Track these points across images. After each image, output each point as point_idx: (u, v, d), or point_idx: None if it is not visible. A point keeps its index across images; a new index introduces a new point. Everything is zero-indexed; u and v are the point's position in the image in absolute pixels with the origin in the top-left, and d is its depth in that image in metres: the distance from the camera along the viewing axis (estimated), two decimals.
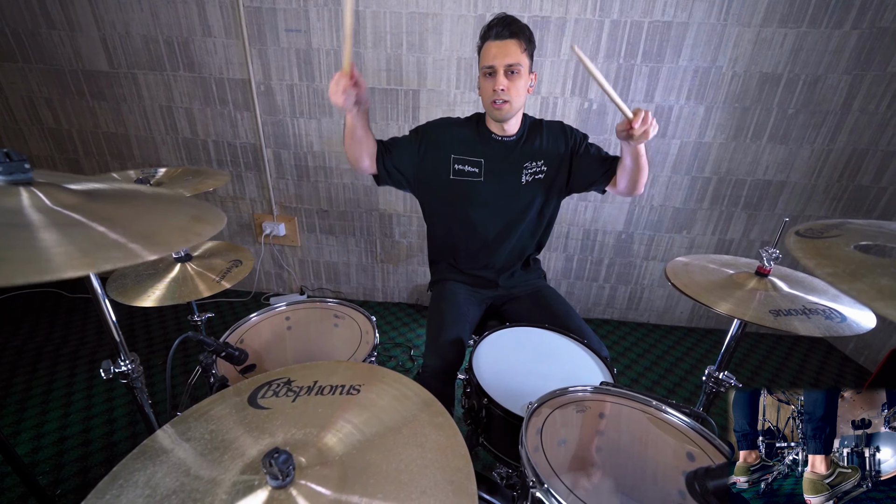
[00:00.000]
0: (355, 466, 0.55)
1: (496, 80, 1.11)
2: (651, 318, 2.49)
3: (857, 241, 0.49)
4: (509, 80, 1.12)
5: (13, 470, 0.90)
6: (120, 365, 0.72)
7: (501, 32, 1.09)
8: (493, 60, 1.10)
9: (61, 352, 2.02)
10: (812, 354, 2.24)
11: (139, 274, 0.98)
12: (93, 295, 0.66)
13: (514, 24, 1.10)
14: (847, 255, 0.46)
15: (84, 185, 0.63)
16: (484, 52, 1.13)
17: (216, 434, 0.61)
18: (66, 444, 1.52)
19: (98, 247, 0.49)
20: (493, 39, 1.10)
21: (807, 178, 2.06)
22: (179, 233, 0.59)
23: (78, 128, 2.32)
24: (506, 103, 1.14)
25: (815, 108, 1.92)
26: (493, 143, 1.27)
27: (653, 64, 1.89)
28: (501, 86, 1.11)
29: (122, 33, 2.05)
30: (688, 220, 2.21)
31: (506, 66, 1.10)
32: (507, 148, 1.27)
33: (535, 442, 0.68)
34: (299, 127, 2.17)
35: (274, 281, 2.63)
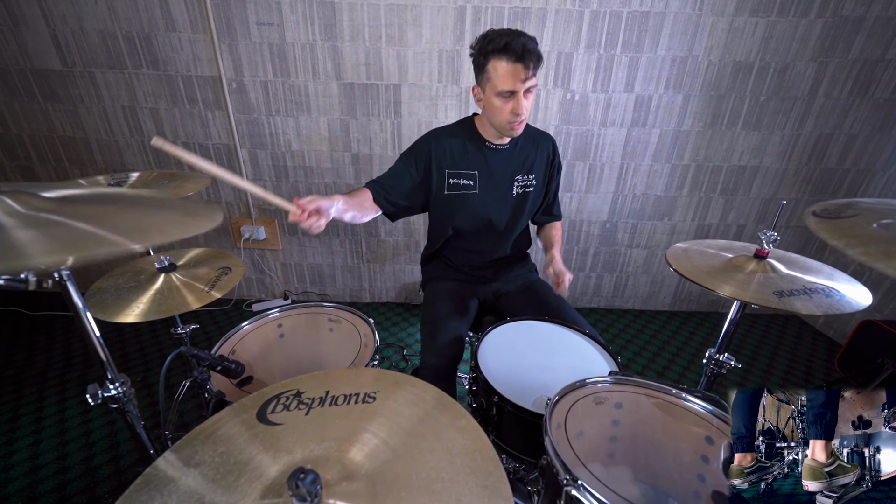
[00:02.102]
0: (384, 479, 0.52)
1: (518, 104, 1.07)
2: (636, 305, 2.55)
3: (877, 220, 0.50)
4: (527, 100, 1.09)
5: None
6: (109, 388, 0.65)
7: (517, 53, 1.01)
8: (513, 85, 1.04)
9: (26, 375, 1.87)
10: (787, 331, 2.35)
11: (119, 288, 0.90)
12: (73, 311, 0.59)
13: (529, 43, 1.02)
14: (873, 234, 0.47)
15: (58, 192, 0.57)
16: (495, 70, 1.04)
17: (228, 456, 0.57)
18: (39, 473, 1.41)
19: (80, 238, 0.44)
20: (508, 61, 1.02)
21: (778, 163, 2.15)
22: (174, 225, 0.54)
23: (30, 132, 2.14)
24: (522, 122, 1.13)
25: (785, 95, 2.00)
26: (486, 152, 1.24)
27: (632, 54, 1.91)
28: (525, 109, 1.08)
29: (74, 29, 1.90)
30: (669, 207, 2.27)
31: (525, 90, 1.06)
32: (501, 156, 1.25)
33: (559, 437, 0.67)
34: (276, 125, 2.08)
35: (255, 287, 2.53)
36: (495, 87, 1.06)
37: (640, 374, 0.81)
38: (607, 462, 0.82)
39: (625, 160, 2.15)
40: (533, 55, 1.03)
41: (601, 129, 2.07)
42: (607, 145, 2.11)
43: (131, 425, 0.70)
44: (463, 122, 1.28)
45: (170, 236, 0.55)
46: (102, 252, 0.44)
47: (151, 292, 0.91)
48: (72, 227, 0.48)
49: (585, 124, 2.06)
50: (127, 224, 0.53)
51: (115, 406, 0.67)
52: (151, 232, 0.51)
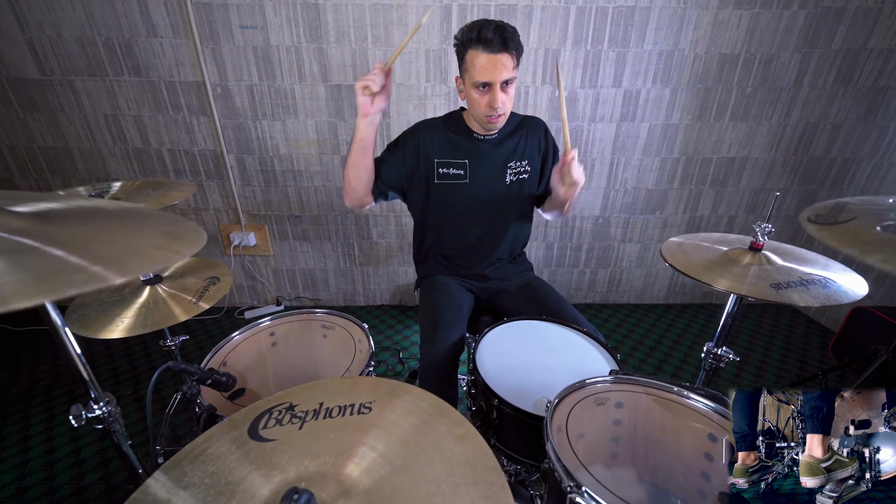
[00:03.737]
0: (382, 495, 0.51)
1: (494, 97, 1.05)
2: (631, 299, 2.56)
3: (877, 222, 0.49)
4: (504, 93, 1.07)
5: None
6: (93, 409, 0.63)
7: (494, 43, 0.99)
8: (489, 77, 1.02)
9: (11, 392, 1.82)
10: (780, 320, 2.37)
11: (102, 302, 0.87)
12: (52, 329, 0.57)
13: (507, 33, 1.00)
14: (882, 238, 0.46)
15: (33, 206, 0.54)
16: (472, 61, 1.03)
17: (218, 476, 0.54)
18: (27, 495, 1.37)
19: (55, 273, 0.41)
20: (484, 50, 1.00)
21: (766, 153, 2.16)
22: (153, 251, 0.51)
23: (8, 143, 2.08)
24: (500, 116, 1.11)
25: (771, 86, 2.01)
26: (475, 142, 1.23)
27: (619, 49, 1.91)
28: (501, 102, 1.06)
29: (52, 36, 1.85)
30: (660, 201, 2.28)
31: (502, 82, 1.04)
32: (490, 146, 1.24)
33: (561, 441, 0.66)
34: (263, 130, 2.05)
35: (247, 294, 2.50)
36: (472, 77, 1.05)
37: (638, 371, 0.80)
38: (610, 463, 0.81)
39: (615, 155, 2.15)
40: (511, 45, 1.01)
41: (591, 125, 2.07)
42: (597, 140, 2.11)
43: (117, 445, 0.68)
44: (450, 115, 1.27)
45: (152, 264, 0.52)
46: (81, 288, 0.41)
47: (137, 306, 0.88)
48: (47, 254, 0.45)
49: (575, 120, 2.06)
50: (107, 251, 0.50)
51: (101, 426, 0.64)
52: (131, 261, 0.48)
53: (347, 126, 2.04)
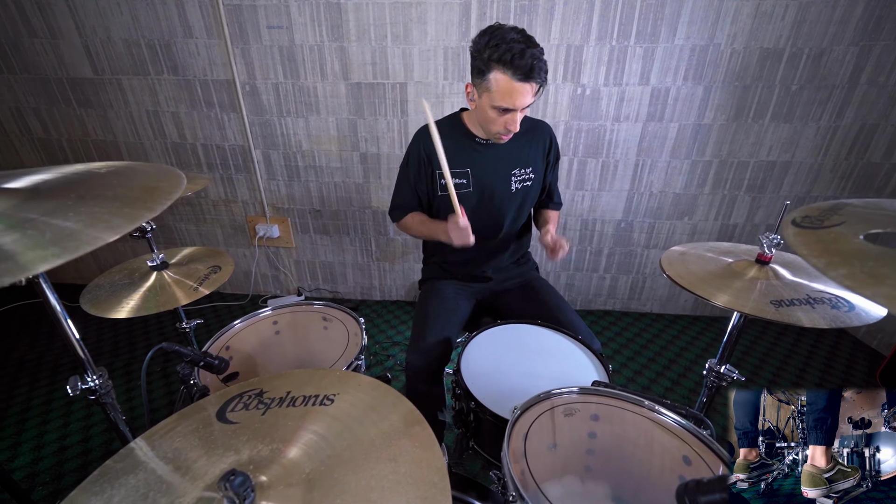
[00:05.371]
0: (322, 484, 0.52)
1: (513, 120, 1.05)
2: (654, 308, 2.43)
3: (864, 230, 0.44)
4: (522, 114, 1.06)
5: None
6: (87, 381, 0.69)
7: (525, 73, 0.96)
8: (513, 104, 1.00)
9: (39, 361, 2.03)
10: (822, 340, 2.17)
11: (114, 284, 0.95)
12: (49, 310, 0.63)
13: (542, 65, 0.98)
14: (859, 249, 0.41)
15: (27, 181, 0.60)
16: (497, 84, 0.99)
17: (180, 453, 0.58)
18: (40, 465, 1.51)
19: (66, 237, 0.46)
20: (513, 77, 0.97)
21: (813, 158, 1.98)
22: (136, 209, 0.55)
23: (67, 137, 2.30)
24: (511, 133, 1.10)
25: (821, 84, 1.83)
26: (478, 148, 1.20)
27: (647, 44, 1.81)
28: (517, 124, 1.06)
29: (103, 38, 2.02)
30: (689, 206, 2.14)
31: (523, 108, 1.04)
32: (494, 152, 1.21)
33: (518, 450, 0.64)
34: (287, 126, 2.13)
35: (271, 283, 2.62)
36: (493, 99, 1.02)
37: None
38: (584, 476, 0.78)
39: (640, 156, 2.05)
40: (541, 76, 0.98)
41: (614, 125, 1.99)
42: (621, 141, 2.02)
43: (109, 415, 0.74)
44: (450, 118, 1.24)
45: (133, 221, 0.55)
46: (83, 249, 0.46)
47: (143, 289, 0.95)
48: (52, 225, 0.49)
49: (597, 119, 1.98)
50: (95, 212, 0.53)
51: (93, 397, 0.70)
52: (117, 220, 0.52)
53: (366, 123, 2.08)
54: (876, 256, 0.40)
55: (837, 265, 0.40)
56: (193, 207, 2.42)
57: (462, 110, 1.24)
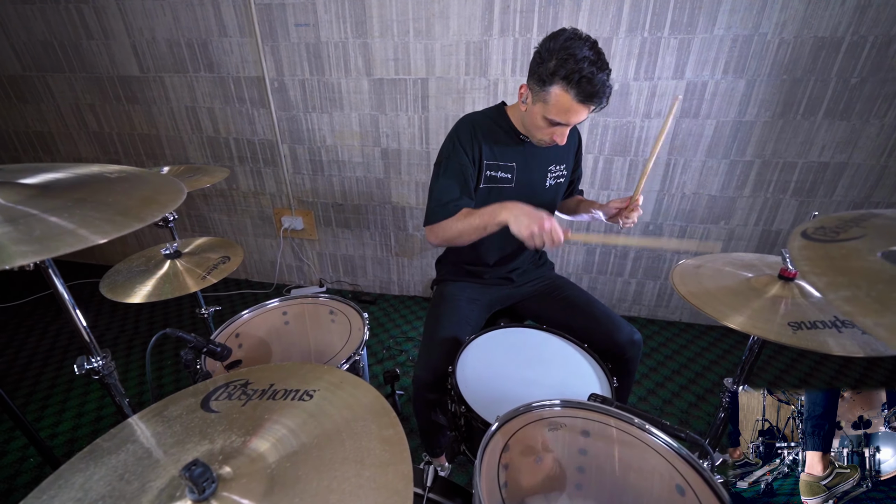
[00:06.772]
0: (284, 480, 0.52)
1: (562, 134, 1.03)
2: (683, 317, 2.29)
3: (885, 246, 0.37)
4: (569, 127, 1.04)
5: None
6: (92, 361, 0.74)
7: (588, 95, 0.93)
8: (568, 120, 0.98)
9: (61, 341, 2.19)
10: (853, 359, 1.96)
11: (130, 270, 1.01)
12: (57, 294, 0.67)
13: (609, 91, 0.96)
14: (872, 269, 0.35)
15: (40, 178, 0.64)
16: (556, 99, 0.95)
17: (161, 437, 0.60)
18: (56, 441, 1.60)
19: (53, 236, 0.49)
20: (575, 98, 0.93)
21: (874, 159, 1.78)
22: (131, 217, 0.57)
23: (118, 130, 2.48)
24: (555, 143, 1.08)
25: (887, 76, 1.64)
26: (521, 142, 1.17)
27: (683, 35, 1.69)
28: (564, 138, 1.05)
29: (148, 39, 2.15)
30: (726, 210, 1.99)
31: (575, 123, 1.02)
32: (533, 147, 1.16)
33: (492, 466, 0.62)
34: (312, 122, 2.18)
35: (295, 273, 2.71)
36: (548, 111, 0.99)
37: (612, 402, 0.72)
38: (574, 494, 0.74)
39: (672, 155, 1.92)
40: (604, 101, 0.96)
41: (644, 121, 1.87)
42: (651, 139, 1.90)
43: (112, 395, 0.79)
44: (496, 110, 1.18)
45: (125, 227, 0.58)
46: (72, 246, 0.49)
47: (157, 276, 1.01)
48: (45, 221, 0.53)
49: (626, 116, 1.88)
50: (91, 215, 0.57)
51: (97, 377, 0.75)
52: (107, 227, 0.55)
53: (388, 119, 2.08)
54: (890, 279, 0.35)
55: (840, 286, 0.34)
56: (226, 199, 2.54)
57: (503, 103, 1.20)
